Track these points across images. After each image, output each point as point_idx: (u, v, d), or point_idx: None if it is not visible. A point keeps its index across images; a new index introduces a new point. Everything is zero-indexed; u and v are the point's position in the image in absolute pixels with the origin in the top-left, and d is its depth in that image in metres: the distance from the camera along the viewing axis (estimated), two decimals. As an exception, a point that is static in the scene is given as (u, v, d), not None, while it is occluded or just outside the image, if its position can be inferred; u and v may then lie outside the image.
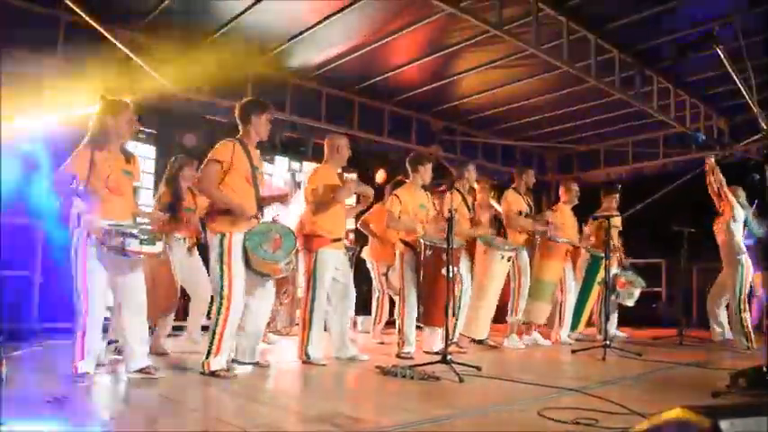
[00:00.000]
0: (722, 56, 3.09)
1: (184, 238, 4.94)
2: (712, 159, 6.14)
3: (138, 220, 3.76)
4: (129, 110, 3.72)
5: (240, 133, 4.06)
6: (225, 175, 3.90)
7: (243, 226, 3.88)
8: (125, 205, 3.67)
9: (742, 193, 6.23)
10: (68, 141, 5.69)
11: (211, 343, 3.81)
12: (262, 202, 4.07)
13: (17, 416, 2.59)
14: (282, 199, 4.24)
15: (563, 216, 6.50)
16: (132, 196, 3.79)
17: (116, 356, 4.43)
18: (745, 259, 6.11)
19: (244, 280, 3.90)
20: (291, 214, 5.52)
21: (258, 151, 4.15)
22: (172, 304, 4.83)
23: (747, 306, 6.12)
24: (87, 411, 2.87)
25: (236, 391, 3.50)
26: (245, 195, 3.94)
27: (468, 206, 5.70)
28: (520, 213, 6.02)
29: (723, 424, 1.14)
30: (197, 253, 5.07)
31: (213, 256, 3.88)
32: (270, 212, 4.32)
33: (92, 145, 3.58)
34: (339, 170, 4.84)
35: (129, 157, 3.74)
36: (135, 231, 3.47)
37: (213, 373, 3.75)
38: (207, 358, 3.79)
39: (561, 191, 6.71)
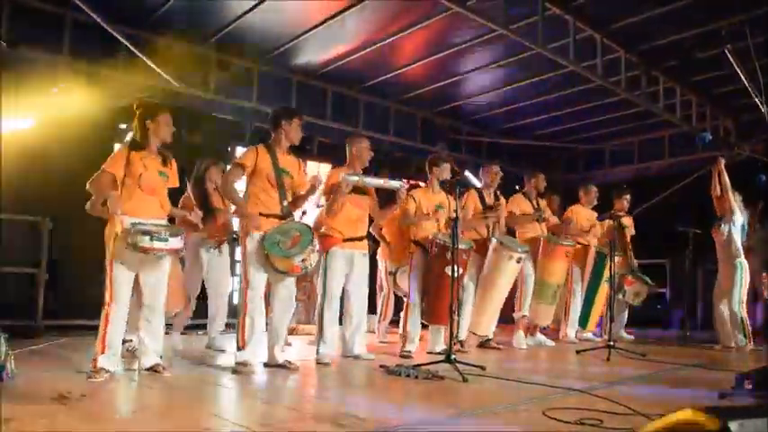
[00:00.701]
0: (730, 56, 3.08)
1: (210, 237, 5.00)
2: (723, 161, 6.10)
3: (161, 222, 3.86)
4: (166, 112, 3.88)
5: (272, 138, 4.24)
6: (250, 179, 4.11)
7: (265, 224, 4.00)
8: (158, 205, 3.80)
9: (738, 197, 6.20)
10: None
11: (237, 336, 4.03)
12: (297, 205, 4.28)
13: (23, 413, 2.60)
14: (313, 190, 4.33)
15: (578, 217, 6.51)
16: (166, 197, 3.90)
17: (128, 353, 4.47)
18: (742, 261, 6.08)
19: (263, 277, 4.04)
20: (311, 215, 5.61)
21: (291, 156, 4.29)
22: (176, 303, 4.83)
23: (745, 305, 6.09)
24: (96, 408, 2.88)
25: (242, 389, 3.51)
26: (269, 197, 4.11)
27: (485, 207, 5.70)
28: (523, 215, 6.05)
29: (733, 425, 1.13)
30: (226, 252, 5.15)
31: (241, 253, 4.10)
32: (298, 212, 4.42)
33: (130, 146, 3.76)
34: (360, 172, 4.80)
35: (166, 160, 3.87)
36: (150, 229, 3.55)
37: (236, 366, 3.93)
38: (237, 350, 4.00)
39: (581, 193, 6.73)
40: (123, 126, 6.28)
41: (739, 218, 6.13)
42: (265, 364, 4.18)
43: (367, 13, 5.89)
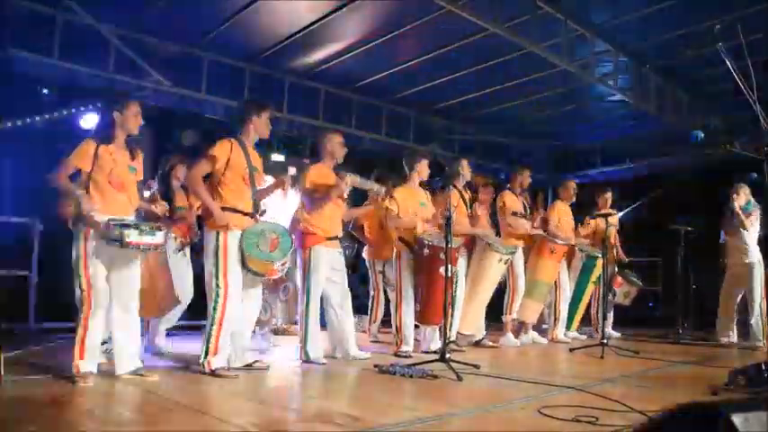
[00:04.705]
0: (723, 54, 3.09)
1: (176, 237, 4.93)
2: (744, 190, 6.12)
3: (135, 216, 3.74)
4: (135, 104, 3.70)
5: (240, 132, 4.06)
6: (223, 173, 3.91)
7: (239, 224, 3.89)
8: (127, 201, 3.65)
9: (748, 190, 6.22)
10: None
11: (208, 342, 3.79)
12: (259, 199, 4.08)
13: (16, 417, 2.58)
14: (279, 186, 4.17)
15: (560, 215, 6.51)
16: (135, 192, 3.76)
17: (108, 356, 4.42)
18: (760, 259, 6.12)
19: (240, 278, 3.90)
20: (286, 213, 5.51)
21: (256, 151, 4.16)
22: (169, 303, 4.80)
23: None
24: (90, 411, 2.85)
25: (236, 390, 3.49)
26: (242, 194, 3.97)
27: (465, 203, 5.68)
28: (514, 214, 6.02)
29: (736, 418, 1.13)
30: (188, 253, 5.05)
31: (209, 253, 3.87)
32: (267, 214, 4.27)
33: (97, 139, 3.56)
34: (333, 167, 4.76)
35: (133, 153, 3.72)
36: (135, 223, 3.46)
37: (214, 372, 3.74)
38: (205, 357, 3.78)
39: (560, 189, 6.71)
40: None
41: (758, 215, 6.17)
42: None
43: (359, 13, 5.88)
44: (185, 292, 4.96)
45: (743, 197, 6.17)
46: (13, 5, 5.53)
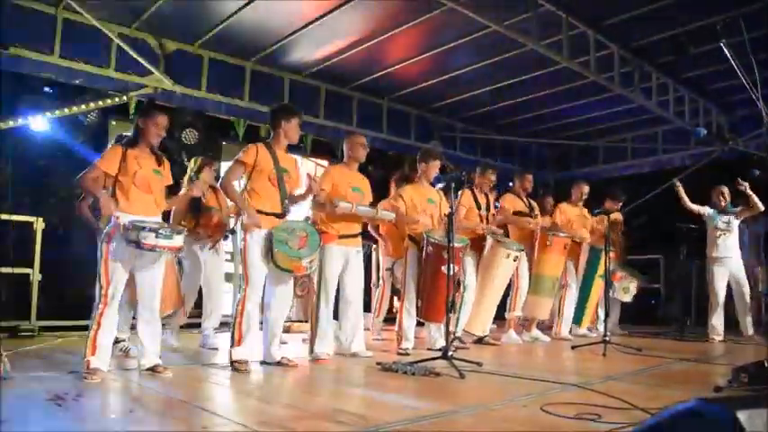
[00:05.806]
0: (726, 50, 3.08)
1: (208, 237, 5.00)
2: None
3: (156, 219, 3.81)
4: (161, 115, 3.80)
5: (271, 137, 4.25)
6: (250, 176, 4.10)
7: (264, 222, 4.01)
8: (153, 202, 3.76)
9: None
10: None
11: (232, 333, 3.98)
12: (291, 202, 4.25)
13: (19, 414, 2.58)
14: (311, 192, 4.33)
15: (565, 215, 6.54)
16: (162, 195, 3.88)
17: (121, 354, 4.45)
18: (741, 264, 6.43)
19: (263, 275, 4.03)
20: (302, 211, 5.56)
21: (289, 155, 4.33)
22: (174, 303, 4.81)
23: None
24: (92, 409, 2.85)
25: (240, 388, 3.50)
26: (269, 195, 4.12)
27: (479, 206, 5.73)
28: (516, 213, 6.10)
29: (741, 415, 1.12)
30: (223, 252, 5.15)
31: (239, 251, 4.11)
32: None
33: (124, 143, 3.72)
34: (356, 169, 4.90)
35: (159, 159, 3.85)
36: (152, 226, 3.50)
37: (232, 363, 3.91)
38: (231, 347, 3.97)
39: (572, 190, 6.81)
40: (114, 123, 6.33)
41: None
42: (262, 362, 4.17)
43: (359, 11, 5.87)
44: (212, 290, 5.10)
45: (726, 198, 6.51)
46: (14, 4, 5.52)
